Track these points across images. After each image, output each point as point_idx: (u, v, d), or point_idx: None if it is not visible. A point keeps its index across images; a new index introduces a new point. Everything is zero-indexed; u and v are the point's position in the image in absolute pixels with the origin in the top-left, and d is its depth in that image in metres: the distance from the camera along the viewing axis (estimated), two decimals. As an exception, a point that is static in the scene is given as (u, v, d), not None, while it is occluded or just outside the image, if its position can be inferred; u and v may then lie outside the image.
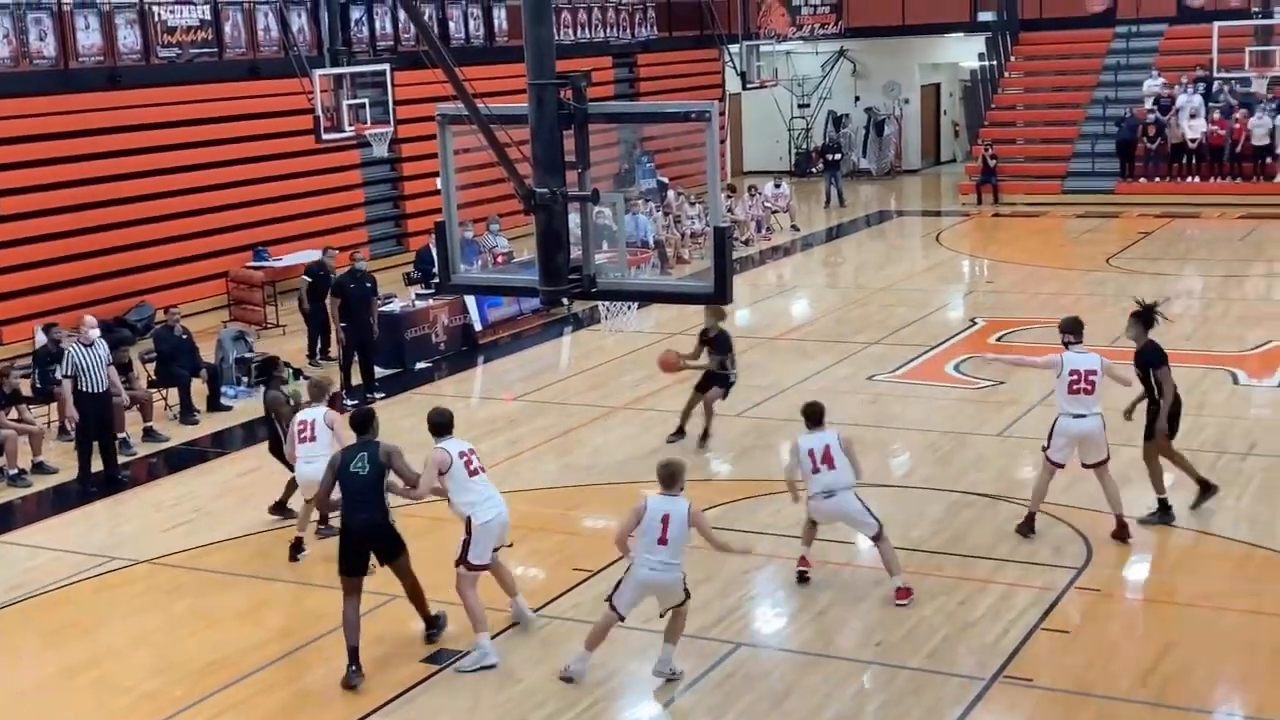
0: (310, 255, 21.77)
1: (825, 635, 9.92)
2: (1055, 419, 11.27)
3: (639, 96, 33.30)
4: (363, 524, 9.39)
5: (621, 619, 9.14)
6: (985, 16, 35.88)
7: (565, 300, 8.45)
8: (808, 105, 39.22)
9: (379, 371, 17.54)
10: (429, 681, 9.44)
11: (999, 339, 18.78)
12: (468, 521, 9.54)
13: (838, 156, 34.42)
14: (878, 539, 10.33)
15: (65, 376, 14.03)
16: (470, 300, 19.53)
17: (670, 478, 9.03)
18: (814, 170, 37.21)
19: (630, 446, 14.44)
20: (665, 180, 30.49)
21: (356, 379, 17.08)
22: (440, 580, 9.79)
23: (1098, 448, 11.12)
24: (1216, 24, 29.24)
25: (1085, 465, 11.27)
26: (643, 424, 15.18)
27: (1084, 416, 11.05)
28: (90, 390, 13.94)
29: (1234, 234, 26.70)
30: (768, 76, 32.07)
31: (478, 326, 19.95)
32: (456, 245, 8.29)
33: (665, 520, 8.86)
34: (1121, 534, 11.18)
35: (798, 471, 10.33)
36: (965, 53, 37.60)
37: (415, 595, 9.78)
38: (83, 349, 14.00)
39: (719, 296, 7.66)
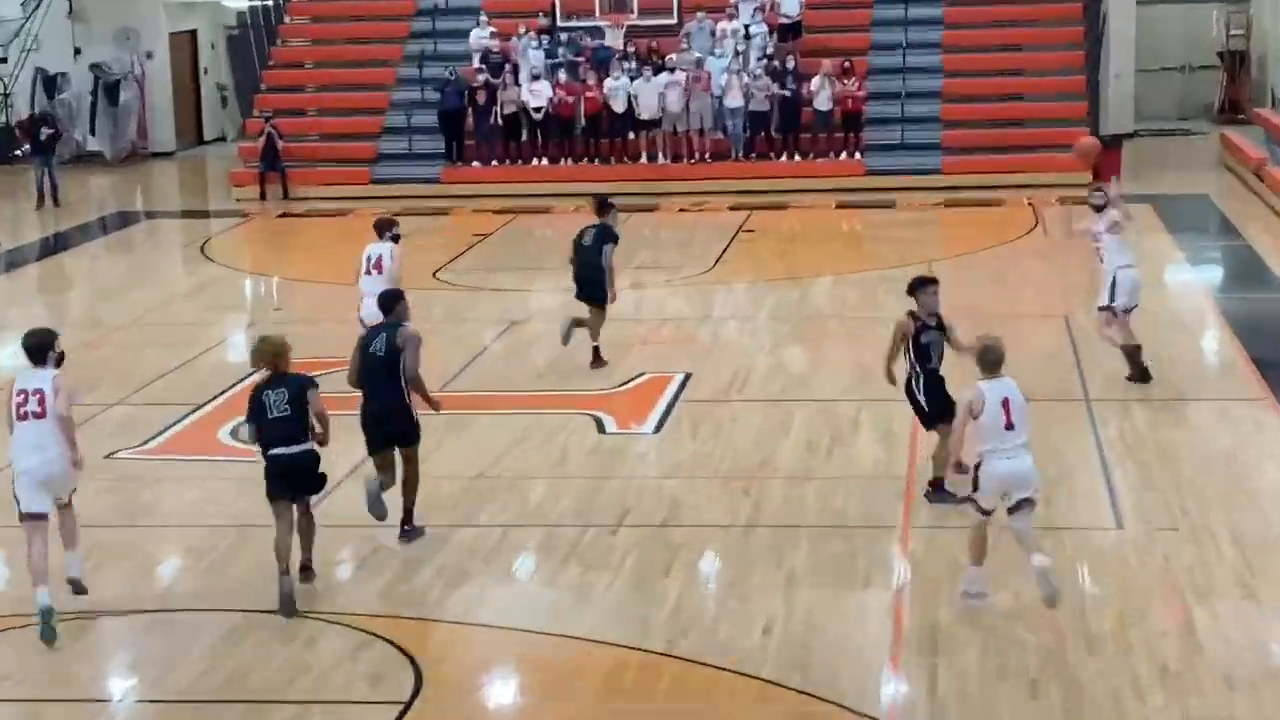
0: None
1: None
2: None
3: None
4: (379, 407, 13.31)
5: (988, 513, 11.86)
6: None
7: None
8: (5, 60, 38.42)
9: None
10: None
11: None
12: None
13: (53, 134, 33.84)
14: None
15: None
16: None
17: (996, 362, 11.79)
18: (19, 154, 36.44)
19: None
20: None
21: None
22: None
23: None
24: (557, -43, 31.32)
25: None
26: None
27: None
28: None
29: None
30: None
31: None
32: None
33: (1006, 404, 11.64)
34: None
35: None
36: (227, -13, 38.27)
37: (410, 487, 13.47)
38: None
39: None
